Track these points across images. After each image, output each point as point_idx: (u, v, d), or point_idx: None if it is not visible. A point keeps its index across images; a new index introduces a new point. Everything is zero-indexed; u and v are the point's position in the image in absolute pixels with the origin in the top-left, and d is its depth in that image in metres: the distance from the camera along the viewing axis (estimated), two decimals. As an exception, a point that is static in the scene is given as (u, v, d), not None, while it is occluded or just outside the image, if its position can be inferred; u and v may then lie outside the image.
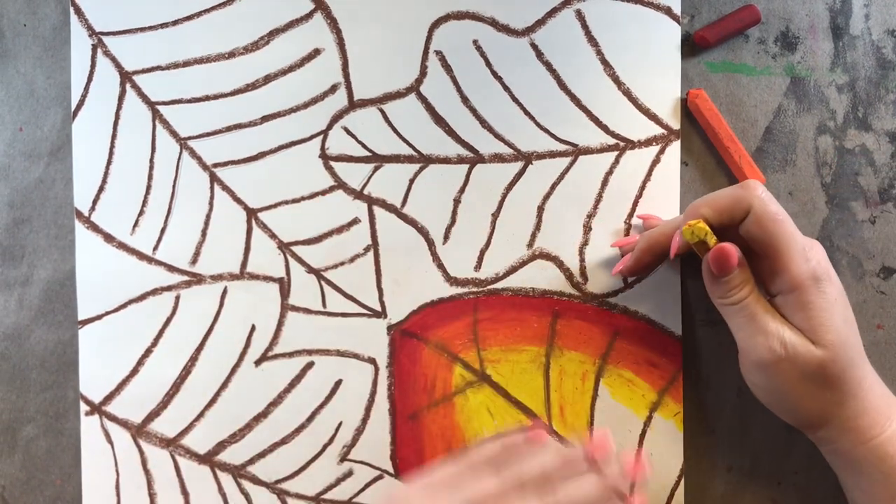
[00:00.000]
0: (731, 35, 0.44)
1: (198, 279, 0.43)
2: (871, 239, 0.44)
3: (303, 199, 0.43)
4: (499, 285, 0.44)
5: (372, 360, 0.43)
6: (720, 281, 0.37)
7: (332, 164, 0.43)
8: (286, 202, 0.43)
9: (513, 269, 0.44)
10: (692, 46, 0.44)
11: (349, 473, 0.43)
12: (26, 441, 0.43)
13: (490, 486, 0.35)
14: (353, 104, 0.43)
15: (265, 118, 0.43)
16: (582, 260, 0.44)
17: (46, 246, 0.43)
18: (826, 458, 0.39)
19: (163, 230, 0.43)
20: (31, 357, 0.43)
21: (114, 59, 0.43)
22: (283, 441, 0.43)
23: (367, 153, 0.43)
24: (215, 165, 0.43)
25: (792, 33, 0.44)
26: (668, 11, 0.44)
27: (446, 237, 0.44)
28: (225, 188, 0.43)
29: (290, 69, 0.43)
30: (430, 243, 0.44)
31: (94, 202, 0.43)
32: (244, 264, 0.43)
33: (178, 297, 0.43)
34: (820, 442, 0.39)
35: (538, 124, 0.44)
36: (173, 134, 0.43)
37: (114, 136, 0.43)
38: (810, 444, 0.40)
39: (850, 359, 0.36)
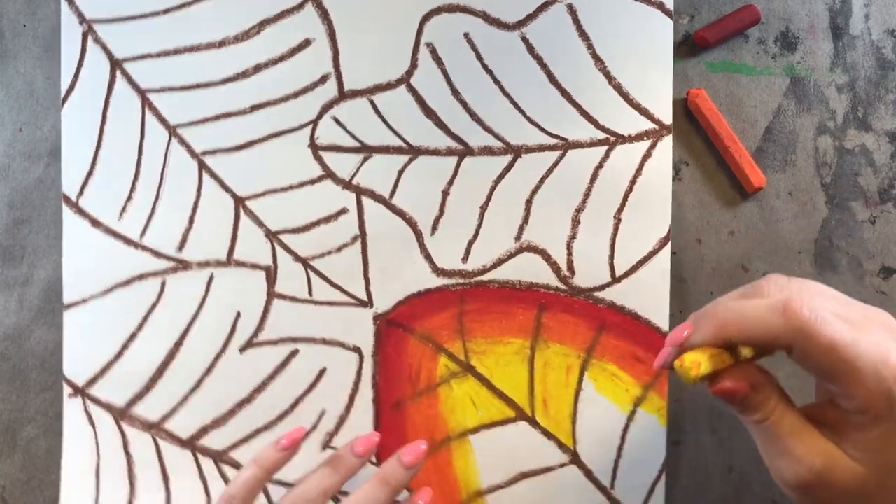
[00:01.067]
0: (731, 35, 0.44)
1: (184, 265, 0.43)
2: (871, 239, 0.44)
3: (291, 188, 0.43)
4: (485, 277, 0.44)
5: (357, 350, 0.43)
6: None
7: (322, 153, 0.43)
8: (274, 191, 0.43)
9: (500, 262, 0.44)
10: (692, 46, 0.44)
11: (332, 463, 0.43)
12: (26, 441, 0.43)
13: None
14: (344, 95, 0.43)
15: (255, 107, 0.43)
16: (569, 253, 0.44)
17: (46, 246, 0.43)
18: None
19: (150, 216, 0.43)
20: (31, 357, 0.43)
21: (104, 47, 0.43)
22: (266, 427, 0.43)
23: (357, 144, 0.43)
24: (204, 153, 0.43)
25: (792, 33, 0.44)
26: (660, 6, 0.44)
27: (434, 228, 0.44)
28: (213, 176, 0.43)
29: (281, 59, 0.43)
30: (418, 234, 0.44)
31: (83, 187, 0.43)
32: (231, 251, 0.43)
33: (164, 283, 0.43)
34: None
35: (528, 118, 0.44)
36: (162, 121, 0.43)
37: (103, 123, 0.43)
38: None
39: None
